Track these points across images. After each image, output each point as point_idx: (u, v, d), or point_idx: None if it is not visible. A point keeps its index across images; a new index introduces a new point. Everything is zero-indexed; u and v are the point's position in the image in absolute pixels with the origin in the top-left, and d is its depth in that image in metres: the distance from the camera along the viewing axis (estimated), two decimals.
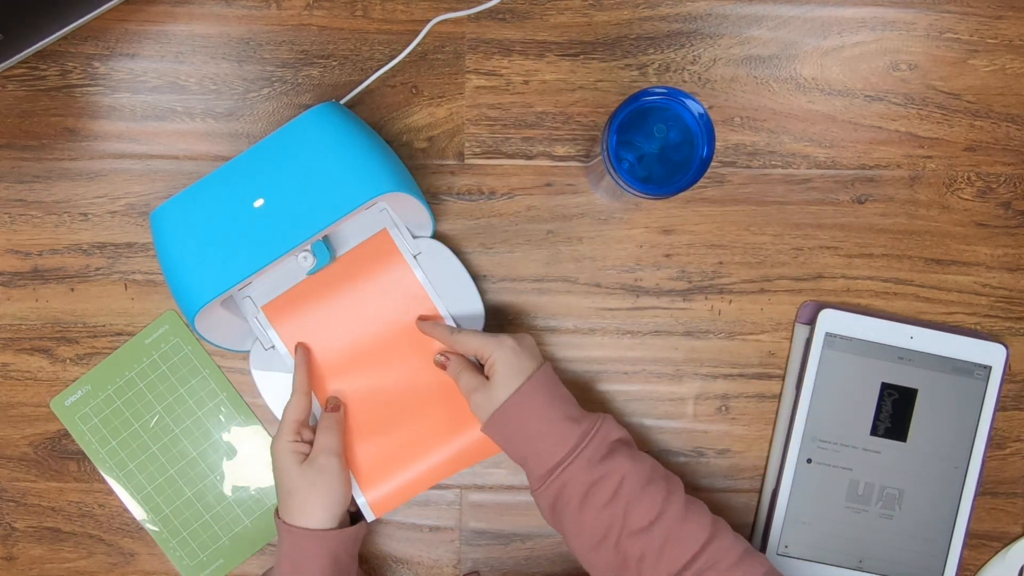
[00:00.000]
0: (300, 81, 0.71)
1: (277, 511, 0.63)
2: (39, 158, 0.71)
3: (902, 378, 0.69)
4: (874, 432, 0.69)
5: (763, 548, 0.69)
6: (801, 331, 0.70)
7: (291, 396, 0.64)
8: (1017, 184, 0.72)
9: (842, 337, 0.68)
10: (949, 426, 0.69)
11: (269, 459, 0.71)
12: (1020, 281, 0.72)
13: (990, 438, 0.68)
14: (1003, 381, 0.67)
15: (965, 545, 0.69)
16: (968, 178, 0.72)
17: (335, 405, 0.66)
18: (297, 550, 0.60)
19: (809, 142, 0.72)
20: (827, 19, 0.72)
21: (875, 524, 0.68)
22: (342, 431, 0.64)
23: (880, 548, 0.68)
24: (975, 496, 0.69)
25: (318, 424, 0.64)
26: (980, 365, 0.69)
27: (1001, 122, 0.72)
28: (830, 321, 0.69)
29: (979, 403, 0.69)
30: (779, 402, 0.71)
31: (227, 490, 0.71)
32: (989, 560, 0.72)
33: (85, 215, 0.71)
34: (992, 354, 0.69)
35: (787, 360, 0.71)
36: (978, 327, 0.72)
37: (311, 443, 0.63)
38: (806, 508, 0.69)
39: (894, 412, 0.68)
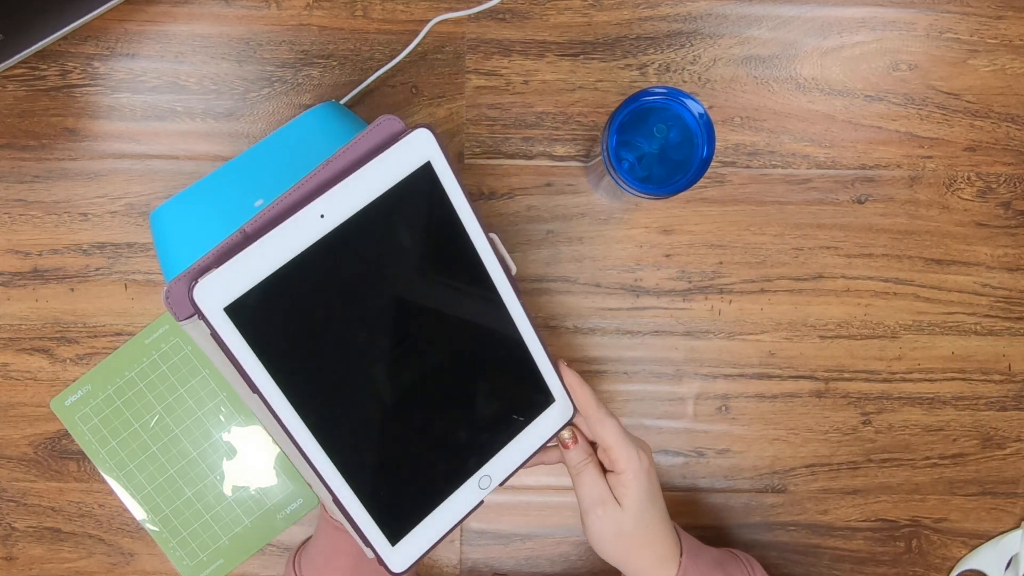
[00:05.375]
0: (300, 81, 0.71)
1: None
2: (39, 158, 0.71)
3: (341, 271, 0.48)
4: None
5: None
6: (195, 329, 0.46)
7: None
8: (1017, 184, 0.72)
9: (244, 296, 0.45)
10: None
11: (268, 459, 0.71)
12: (1020, 281, 0.72)
13: (484, 227, 0.51)
14: (452, 167, 0.49)
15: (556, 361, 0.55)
16: (968, 178, 0.72)
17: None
18: None
19: (809, 142, 0.72)
20: (827, 19, 0.72)
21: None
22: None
23: None
24: (517, 298, 0.54)
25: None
26: (415, 171, 0.50)
27: (1001, 122, 0.72)
28: (210, 291, 0.44)
29: (447, 210, 0.50)
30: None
31: (227, 490, 0.71)
32: (981, 545, 0.72)
33: (85, 215, 0.71)
34: (416, 149, 0.50)
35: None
36: (978, 327, 0.72)
37: None
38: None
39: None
